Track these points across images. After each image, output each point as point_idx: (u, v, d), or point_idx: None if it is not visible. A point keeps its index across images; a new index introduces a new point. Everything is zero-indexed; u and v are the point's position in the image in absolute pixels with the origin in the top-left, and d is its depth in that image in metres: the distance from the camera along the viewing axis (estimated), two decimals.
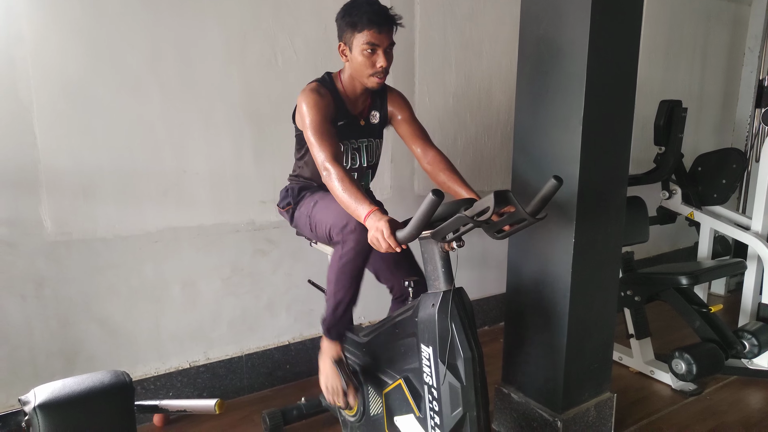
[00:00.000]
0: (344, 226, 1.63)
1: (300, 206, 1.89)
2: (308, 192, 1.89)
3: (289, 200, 1.92)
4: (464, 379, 1.47)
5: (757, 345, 2.53)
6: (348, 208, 1.50)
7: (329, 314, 1.77)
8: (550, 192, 1.46)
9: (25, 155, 1.92)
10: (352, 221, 1.60)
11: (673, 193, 3.14)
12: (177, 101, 2.16)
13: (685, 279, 2.50)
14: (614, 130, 1.89)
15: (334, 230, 1.67)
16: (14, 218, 1.94)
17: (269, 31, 2.30)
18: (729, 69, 4.33)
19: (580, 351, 1.97)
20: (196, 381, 2.37)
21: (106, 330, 2.16)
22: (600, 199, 1.90)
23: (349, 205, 1.49)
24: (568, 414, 1.97)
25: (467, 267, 3.07)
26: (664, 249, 4.26)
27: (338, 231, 1.65)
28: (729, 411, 2.36)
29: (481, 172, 3.09)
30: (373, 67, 1.66)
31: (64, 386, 1.03)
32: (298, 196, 1.90)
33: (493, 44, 2.98)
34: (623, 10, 1.80)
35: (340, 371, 1.80)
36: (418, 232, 1.35)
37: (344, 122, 1.78)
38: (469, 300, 1.57)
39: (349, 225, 1.62)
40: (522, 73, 1.97)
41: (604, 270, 1.99)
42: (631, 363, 2.72)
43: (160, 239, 2.21)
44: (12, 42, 1.86)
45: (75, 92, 1.97)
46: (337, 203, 1.60)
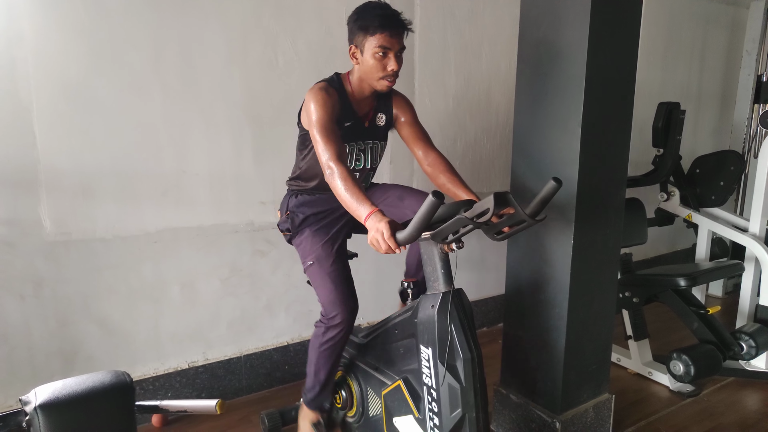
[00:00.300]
0: (333, 316, 1.76)
1: (299, 239, 1.91)
2: (307, 225, 1.89)
3: (289, 228, 1.95)
4: (463, 380, 1.48)
5: (755, 346, 2.53)
6: (349, 207, 1.50)
7: (310, 388, 1.91)
8: (550, 194, 1.47)
9: (25, 155, 1.93)
10: (340, 313, 1.74)
11: (672, 195, 3.15)
12: (178, 102, 2.16)
13: (683, 280, 2.51)
14: (613, 132, 1.90)
15: (323, 311, 1.80)
16: (13, 218, 1.94)
17: (271, 32, 2.31)
18: (727, 71, 4.35)
19: (578, 352, 1.97)
20: (195, 381, 2.37)
21: (105, 330, 2.16)
22: (599, 200, 1.90)
23: (350, 204, 1.49)
24: (566, 415, 1.97)
25: (466, 268, 3.08)
26: (662, 251, 4.27)
27: (325, 317, 1.79)
28: (726, 412, 2.37)
29: (481, 173, 3.10)
30: (384, 70, 1.68)
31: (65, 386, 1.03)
32: (298, 227, 1.91)
33: (493, 46, 2.99)
34: (622, 13, 1.81)
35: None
36: (418, 234, 1.35)
37: (351, 123, 1.79)
38: (469, 301, 1.58)
39: (337, 317, 1.75)
40: (521, 75, 1.98)
41: (602, 271, 1.99)
42: (630, 364, 2.73)
43: (160, 239, 2.21)
44: (13, 42, 1.86)
45: (75, 92, 1.97)
46: (330, 279, 1.77)
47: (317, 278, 1.82)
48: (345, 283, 1.80)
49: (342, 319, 1.75)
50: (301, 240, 1.90)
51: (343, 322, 1.76)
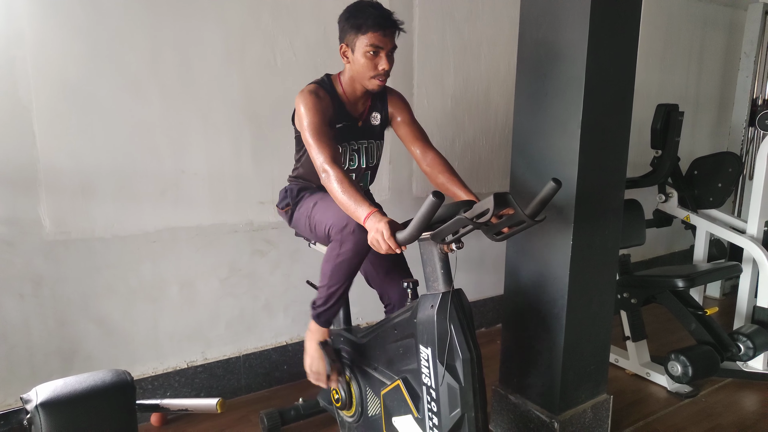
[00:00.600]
0: (344, 227, 1.64)
1: (299, 207, 1.90)
2: (307, 192, 1.90)
3: (288, 201, 1.93)
4: (463, 380, 1.48)
5: (752, 347, 2.54)
6: (347, 209, 1.50)
7: (321, 302, 1.79)
8: (549, 194, 1.47)
9: (25, 155, 1.92)
10: (351, 222, 1.62)
11: (670, 197, 3.16)
12: (176, 101, 2.16)
13: (681, 282, 2.51)
14: (612, 133, 1.91)
15: (334, 230, 1.68)
16: (13, 217, 1.94)
17: (269, 32, 2.31)
18: (725, 73, 4.36)
19: (577, 353, 1.98)
20: (194, 381, 2.37)
21: (104, 330, 2.16)
22: (598, 201, 1.91)
23: (348, 206, 1.50)
24: (564, 415, 1.98)
25: (465, 269, 3.08)
26: (660, 252, 4.28)
27: (337, 231, 1.67)
28: (724, 413, 2.38)
29: (479, 174, 3.10)
30: (375, 69, 1.67)
31: (66, 385, 1.03)
32: (297, 197, 1.90)
33: (492, 47, 2.99)
34: (621, 15, 1.82)
35: (325, 354, 1.81)
36: (418, 234, 1.35)
37: (343, 124, 1.79)
38: (468, 301, 1.58)
39: (349, 226, 1.63)
40: (521, 76, 1.99)
41: (601, 272, 2.00)
42: (628, 365, 2.74)
43: (159, 239, 2.21)
44: (12, 42, 1.86)
45: (74, 92, 1.97)
46: (336, 206, 1.62)
47: (323, 208, 1.75)
48: None
49: (354, 228, 1.63)
50: (301, 204, 1.87)
51: (356, 232, 1.63)
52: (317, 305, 1.80)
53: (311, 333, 1.84)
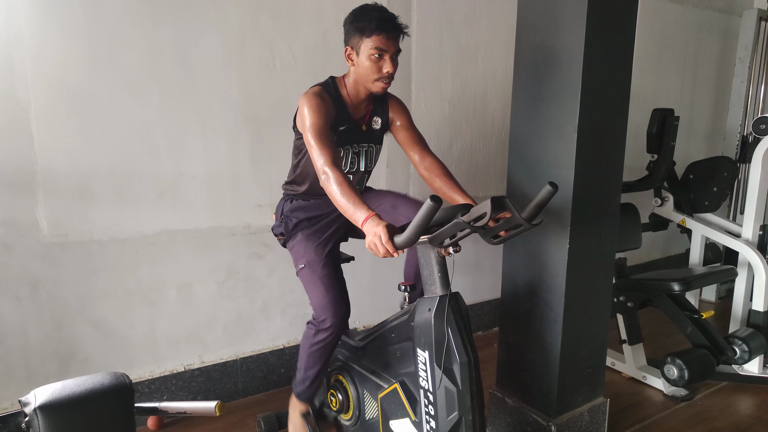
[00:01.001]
0: (322, 320, 1.79)
1: (292, 242, 1.93)
2: (300, 230, 1.91)
3: (282, 231, 1.97)
4: (460, 384, 1.49)
5: (748, 351, 2.56)
6: (346, 212, 1.51)
7: (300, 382, 1.94)
8: (546, 198, 1.48)
9: (22, 156, 1.92)
10: (330, 317, 1.77)
11: (665, 201, 3.18)
12: (175, 104, 2.16)
13: (677, 285, 2.53)
14: (608, 137, 1.92)
15: (314, 315, 1.84)
16: (10, 219, 1.94)
17: (268, 35, 2.32)
18: (720, 79, 4.39)
19: (573, 356, 1.98)
20: (191, 384, 2.36)
21: (101, 332, 2.16)
22: (594, 205, 1.92)
23: (346, 209, 1.50)
24: (561, 418, 1.98)
25: (461, 272, 3.09)
26: (656, 256, 4.30)
27: (315, 318, 1.83)
28: (719, 416, 2.39)
29: (476, 178, 3.11)
30: (379, 72, 1.69)
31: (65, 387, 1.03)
32: (292, 231, 1.93)
33: (489, 51, 3.01)
34: (618, 20, 1.83)
35: (307, 425, 1.96)
36: (416, 237, 1.36)
37: (346, 127, 1.80)
38: (465, 305, 1.59)
39: (326, 321, 1.77)
40: (518, 80, 2.00)
41: (597, 275, 2.01)
42: (624, 368, 2.74)
43: (156, 242, 2.21)
44: (11, 43, 1.86)
45: (73, 94, 1.98)
46: (322, 283, 1.79)
47: (309, 282, 1.84)
48: (336, 287, 1.81)
49: (332, 323, 1.77)
50: (294, 244, 1.91)
51: (333, 326, 1.78)
52: (297, 384, 1.96)
53: (293, 404, 2.00)
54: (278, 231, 1.98)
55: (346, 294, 1.83)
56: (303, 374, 1.91)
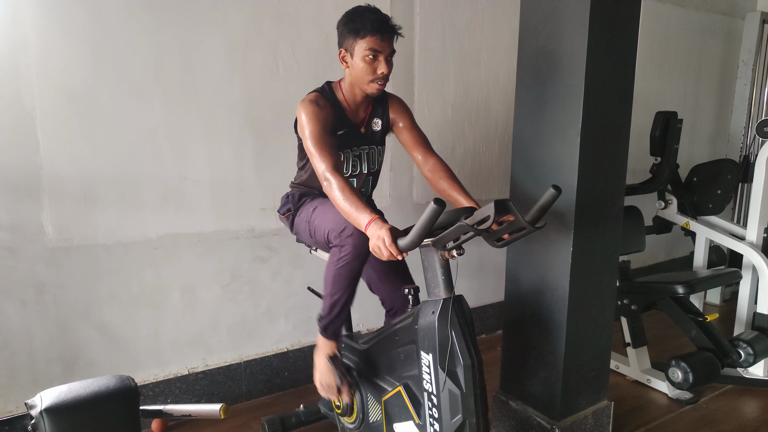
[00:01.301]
0: (342, 230, 1.66)
1: (300, 212, 1.91)
2: (308, 198, 1.91)
3: (290, 206, 1.94)
4: (464, 386, 1.48)
5: (753, 354, 2.55)
6: (349, 217, 1.51)
7: (326, 313, 1.79)
8: (549, 201, 1.48)
9: (28, 161, 1.94)
10: (350, 225, 1.63)
11: (669, 203, 3.17)
12: (179, 108, 2.18)
13: (681, 288, 2.52)
14: (612, 140, 1.92)
15: (333, 234, 1.69)
16: (16, 224, 1.95)
17: (271, 39, 2.33)
18: (723, 81, 4.39)
19: (577, 359, 1.98)
20: (195, 387, 2.37)
21: (106, 336, 2.17)
22: (598, 208, 1.92)
23: (350, 214, 1.51)
24: (565, 421, 1.98)
25: (465, 275, 3.09)
26: (660, 258, 4.29)
27: (336, 235, 1.68)
28: (725, 420, 2.38)
29: (479, 181, 3.12)
30: (374, 73, 1.69)
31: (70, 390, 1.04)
32: (299, 203, 1.92)
33: (492, 55, 3.02)
34: (620, 23, 1.83)
35: (334, 368, 1.82)
36: (419, 240, 1.36)
37: (345, 131, 1.80)
38: (469, 307, 1.58)
39: (347, 229, 1.64)
40: (521, 84, 2.00)
41: (601, 278, 2.01)
42: (628, 371, 2.74)
43: (161, 246, 2.22)
44: (17, 49, 1.87)
45: (78, 99, 1.99)
46: (335, 210, 1.63)
47: (322, 214, 1.77)
48: None
49: (353, 230, 1.64)
50: (302, 210, 1.89)
51: (354, 234, 1.65)
52: (322, 317, 1.81)
53: (319, 348, 1.85)
54: (285, 209, 1.96)
55: None
56: (329, 301, 1.77)
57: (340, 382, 1.82)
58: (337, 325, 1.82)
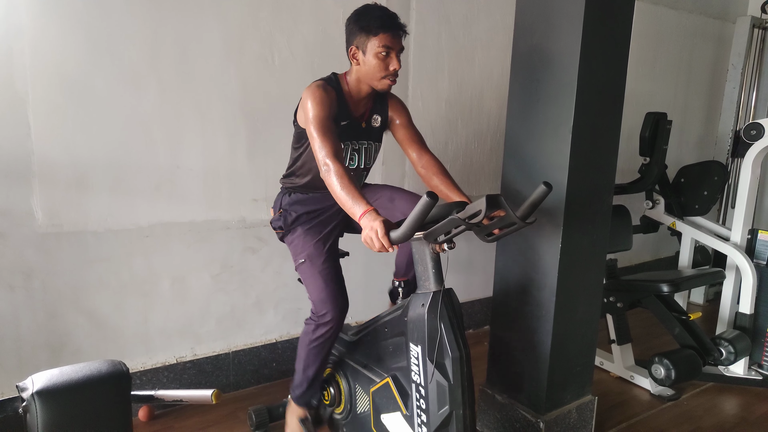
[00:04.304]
0: (323, 314, 1.79)
1: (291, 237, 1.93)
2: (299, 224, 1.92)
3: (281, 225, 1.97)
4: (452, 378, 1.50)
5: (734, 353, 2.60)
6: (344, 205, 1.53)
7: (298, 385, 1.94)
8: (540, 197, 1.50)
9: (19, 146, 1.92)
10: (330, 311, 1.78)
11: (657, 203, 3.22)
12: (173, 97, 2.17)
13: (666, 286, 2.56)
14: (602, 139, 1.95)
15: (313, 310, 1.84)
16: (5, 208, 1.93)
17: (267, 30, 2.33)
18: (713, 84, 4.44)
19: (563, 354, 2.01)
20: (183, 377, 2.37)
21: (94, 323, 2.16)
22: (587, 206, 1.95)
23: (345, 202, 1.52)
24: (550, 415, 2.01)
25: (453, 271, 3.11)
26: (646, 258, 4.34)
27: (315, 314, 1.83)
28: (705, 416, 2.43)
29: (471, 177, 3.13)
30: (386, 70, 1.72)
31: (62, 374, 1.04)
32: (291, 225, 1.93)
33: (486, 52, 3.03)
34: (614, 24, 1.86)
35: (305, 429, 1.96)
36: (411, 233, 1.38)
37: (346, 123, 1.82)
38: (458, 301, 1.60)
39: (327, 315, 1.78)
40: (514, 81, 2.02)
41: (588, 275, 2.04)
42: (612, 368, 2.78)
43: (151, 234, 2.21)
44: (11, 33, 1.86)
45: (72, 85, 1.98)
46: (322, 277, 1.80)
47: (308, 276, 1.85)
48: (336, 281, 1.83)
49: (332, 317, 1.78)
50: (293, 238, 1.92)
51: (333, 320, 1.79)
52: (295, 388, 1.95)
53: (291, 410, 1.99)
54: (277, 225, 1.99)
55: (344, 288, 1.85)
56: (301, 375, 1.91)
57: None
58: (310, 395, 1.97)
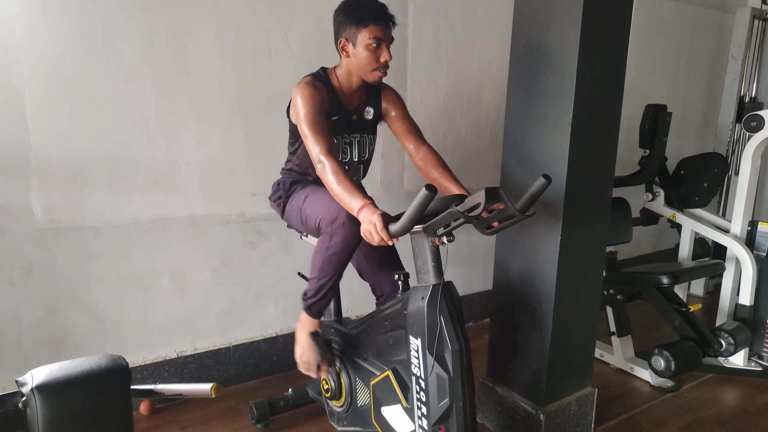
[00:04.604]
0: (334, 220, 1.66)
1: (291, 199, 1.91)
2: (299, 185, 1.91)
3: (281, 193, 1.95)
4: (451, 371, 1.51)
5: (734, 344, 2.60)
6: (341, 201, 1.52)
7: (311, 294, 1.81)
8: (539, 190, 1.50)
9: (16, 141, 1.92)
10: (342, 215, 1.64)
11: (656, 195, 3.21)
12: (170, 91, 2.16)
13: (666, 278, 2.56)
14: (602, 131, 1.94)
15: (324, 222, 1.70)
16: (3, 204, 1.93)
17: (264, 24, 2.31)
18: (713, 76, 4.43)
19: (563, 346, 2.01)
20: (183, 371, 2.38)
21: (94, 318, 2.16)
22: (586, 198, 1.94)
23: (342, 198, 1.51)
24: (550, 407, 2.02)
25: (453, 264, 3.11)
26: (646, 250, 4.34)
27: (328, 224, 1.69)
28: (705, 407, 2.43)
29: (470, 170, 3.13)
30: (377, 62, 1.71)
31: (62, 368, 1.04)
32: (290, 189, 1.92)
33: (485, 45, 3.02)
34: (613, 15, 1.85)
35: (316, 345, 1.84)
36: (410, 226, 1.38)
37: (338, 117, 1.81)
38: (458, 294, 1.60)
39: (339, 219, 1.65)
40: (513, 74, 2.01)
41: (588, 268, 2.04)
42: (612, 360, 2.79)
43: (150, 229, 2.21)
44: (5, 28, 1.84)
45: (68, 79, 1.97)
46: (329, 196, 1.64)
47: (314, 200, 1.77)
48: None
49: (345, 219, 1.65)
50: (293, 197, 1.90)
51: (346, 224, 1.65)
52: (308, 296, 1.82)
53: (302, 324, 1.87)
54: (276, 196, 1.96)
55: None
56: (316, 284, 1.79)
57: (321, 360, 1.84)
58: (322, 305, 1.84)
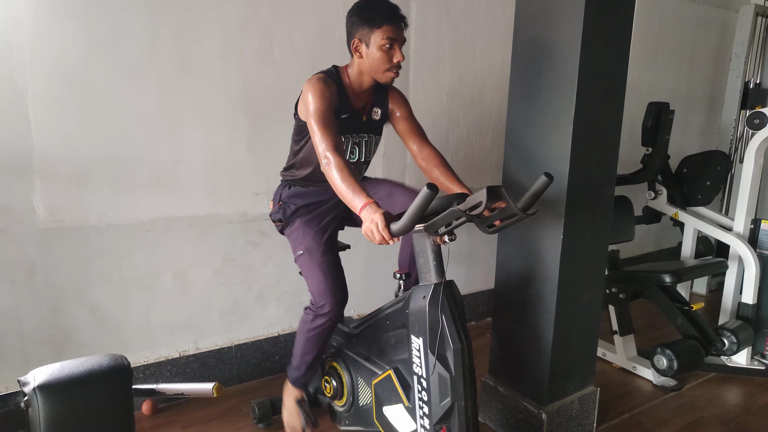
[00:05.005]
0: (321, 305, 1.80)
1: (291, 230, 1.94)
2: (299, 218, 1.93)
3: (280, 217, 1.98)
4: (453, 370, 1.51)
5: (736, 343, 2.59)
6: (344, 198, 1.52)
7: (295, 368, 1.96)
8: (541, 188, 1.49)
9: (19, 141, 1.92)
10: (328, 303, 1.78)
11: (659, 194, 3.20)
12: (173, 91, 2.16)
13: (669, 277, 2.55)
14: (604, 129, 1.93)
15: (312, 299, 1.84)
16: (6, 204, 1.94)
17: (267, 23, 2.31)
18: (715, 74, 4.41)
19: (565, 346, 2.01)
20: (186, 370, 2.38)
21: (97, 318, 2.17)
22: (588, 197, 1.94)
23: (345, 195, 1.52)
24: (552, 406, 2.01)
25: (455, 263, 3.11)
26: (648, 248, 4.33)
27: (313, 304, 1.84)
28: (707, 406, 2.43)
29: (472, 169, 3.13)
30: (390, 62, 1.72)
31: (63, 368, 1.04)
32: (290, 218, 1.94)
33: (487, 43, 3.01)
34: (615, 13, 1.84)
35: (301, 410, 1.98)
36: (412, 225, 1.38)
37: (347, 116, 1.81)
38: (459, 293, 1.60)
39: (325, 306, 1.79)
40: (515, 72, 2.01)
41: (590, 267, 2.03)
42: (614, 359, 2.78)
43: (153, 228, 2.21)
44: (9, 28, 1.85)
45: (71, 80, 1.97)
46: (321, 270, 1.80)
47: (307, 268, 1.85)
48: (335, 273, 1.83)
49: (330, 309, 1.79)
50: (292, 230, 1.92)
51: (332, 312, 1.80)
52: (292, 368, 1.97)
53: (288, 391, 2.01)
54: (276, 217, 2.00)
55: (344, 280, 1.86)
56: (299, 360, 1.93)
57: (305, 424, 1.98)
58: (307, 378, 1.98)
